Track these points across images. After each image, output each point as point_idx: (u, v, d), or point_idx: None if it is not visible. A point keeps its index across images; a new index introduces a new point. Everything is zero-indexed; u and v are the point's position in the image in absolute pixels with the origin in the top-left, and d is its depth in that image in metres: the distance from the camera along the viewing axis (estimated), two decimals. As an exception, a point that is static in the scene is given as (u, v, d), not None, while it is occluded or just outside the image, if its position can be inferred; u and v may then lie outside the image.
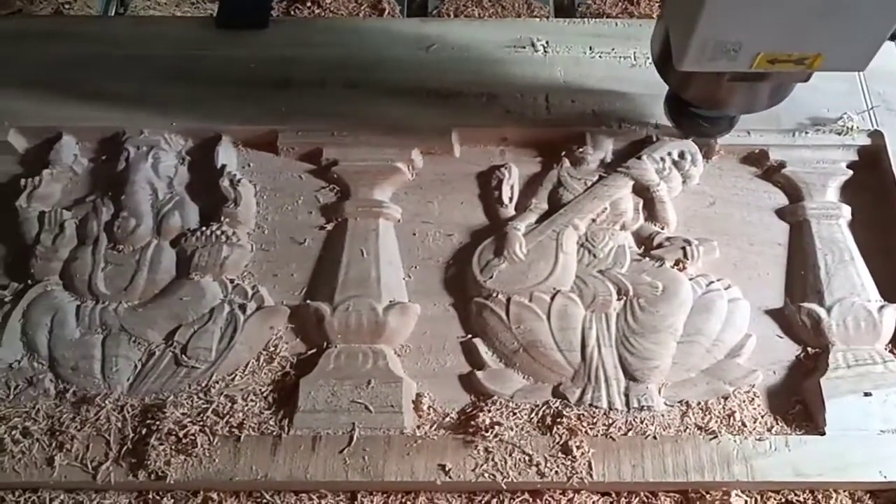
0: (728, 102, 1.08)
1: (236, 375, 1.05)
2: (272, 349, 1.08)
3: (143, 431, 1.00)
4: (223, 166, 1.19)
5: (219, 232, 1.13)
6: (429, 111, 1.24)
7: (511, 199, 1.20)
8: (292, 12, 1.51)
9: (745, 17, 0.86)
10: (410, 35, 1.32)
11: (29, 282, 1.12)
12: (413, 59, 1.29)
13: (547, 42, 1.31)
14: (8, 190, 1.20)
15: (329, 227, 1.18)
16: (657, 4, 1.51)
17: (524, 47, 1.30)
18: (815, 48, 0.90)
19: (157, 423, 0.99)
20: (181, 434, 0.98)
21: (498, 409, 1.03)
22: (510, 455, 0.99)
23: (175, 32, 1.31)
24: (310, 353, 1.08)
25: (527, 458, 0.98)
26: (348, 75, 1.27)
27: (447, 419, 1.03)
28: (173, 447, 0.98)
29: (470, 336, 1.10)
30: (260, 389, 1.05)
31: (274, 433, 1.00)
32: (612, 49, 1.30)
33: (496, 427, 1.00)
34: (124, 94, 1.25)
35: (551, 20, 1.43)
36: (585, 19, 1.38)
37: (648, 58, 1.21)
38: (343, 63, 1.28)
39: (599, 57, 1.30)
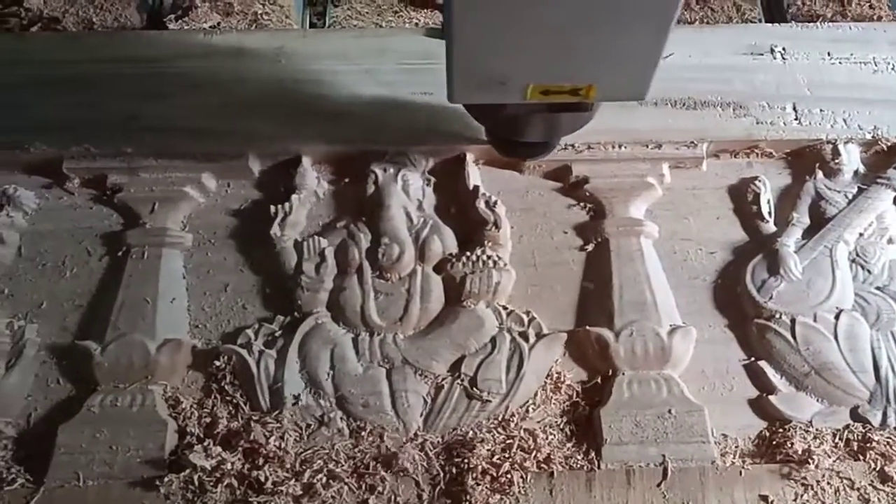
0: (524, 131, 1.04)
1: (529, 407, 1.02)
2: (556, 377, 1.05)
3: (454, 470, 0.97)
4: (476, 187, 1.15)
5: (485, 257, 1.10)
6: (677, 123, 1.19)
7: (770, 213, 1.16)
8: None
9: (503, 51, 0.84)
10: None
11: (296, 314, 1.08)
12: (652, 69, 1.24)
13: (784, 48, 1.26)
14: (249, 216, 1.16)
15: (589, 247, 1.14)
16: (868, 5, 1.47)
17: (762, 54, 1.26)
18: (587, 79, 0.89)
19: (466, 461, 0.96)
20: (495, 473, 0.95)
21: (801, 436, 1.00)
22: (828, 483, 0.96)
23: (402, 46, 1.26)
24: (594, 380, 1.05)
25: (847, 485, 0.96)
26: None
27: (745, 446, 1.01)
28: (489, 486, 0.95)
29: (753, 359, 1.07)
30: (555, 421, 1.02)
31: (584, 468, 0.97)
32: (851, 54, 1.26)
33: (811, 454, 0.97)
34: (359, 112, 1.20)
35: (784, 25, 1.38)
36: (819, 23, 1.34)
37: (889, 63, 1.18)
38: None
39: (839, 63, 1.26)
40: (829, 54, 1.27)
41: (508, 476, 0.96)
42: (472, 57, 0.85)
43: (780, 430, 1.02)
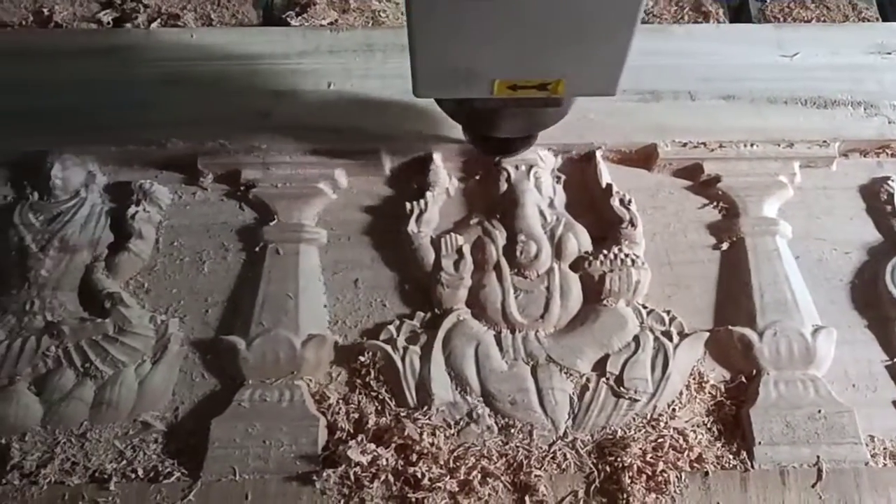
0: (497, 126, 1.03)
1: (675, 406, 1.02)
2: (698, 377, 1.04)
3: (608, 469, 0.96)
4: (609, 185, 1.15)
5: (623, 255, 1.10)
6: (808, 122, 1.18)
7: (903, 213, 1.15)
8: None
9: (466, 44, 0.82)
10: (769, 41, 1.27)
11: (436, 310, 1.08)
12: (779, 67, 1.24)
13: (912, 47, 1.25)
14: (382, 212, 1.16)
15: (723, 246, 1.13)
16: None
17: (889, 53, 1.25)
18: (554, 73, 0.87)
19: (619, 460, 0.96)
20: (651, 472, 0.95)
21: (954, 438, 0.99)
22: None
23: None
24: (737, 380, 1.04)
25: None
26: (717, 87, 1.22)
27: (894, 448, 1.00)
28: (644, 485, 0.95)
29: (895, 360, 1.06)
30: (702, 421, 1.01)
31: (738, 467, 0.97)
32: (982, 51, 1.25)
33: (968, 458, 0.96)
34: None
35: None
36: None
37: None
38: (709, 73, 1.23)
39: (969, 60, 1.24)
40: (957, 54, 1.26)
41: (665, 475, 0.95)
42: (435, 50, 0.84)
43: (930, 432, 1.00)
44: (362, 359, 1.04)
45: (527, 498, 0.95)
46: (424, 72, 0.87)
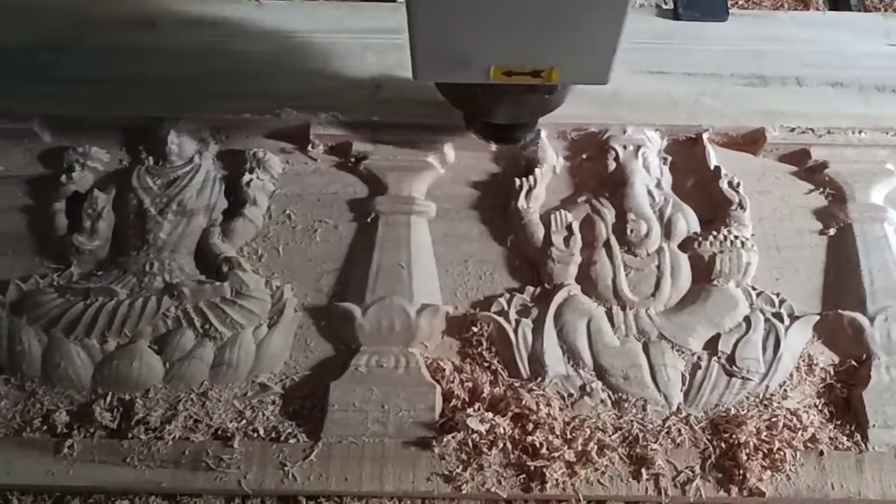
0: (495, 112, 1.05)
1: (787, 387, 1.02)
2: (808, 359, 1.05)
3: (723, 445, 0.97)
4: (717, 167, 1.15)
5: (732, 237, 1.10)
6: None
7: None
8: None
9: (464, 30, 0.84)
10: (876, 30, 1.27)
11: (546, 285, 1.09)
12: (887, 56, 1.24)
13: None
14: (489, 188, 1.18)
15: (830, 232, 1.14)
16: None
17: None
18: (548, 61, 0.89)
19: (734, 437, 0.97)
20: (766, 449, 0.96)
21: None
22: None
23: (634, 25, 1.26)
24: (846, 364, 1.05)
25: None
26: (825, 73, 1.22)
27: None
28: (761, 463, 0.95)
29: None
30: (813, 402, 1.02)
31: (852, 449, 0.97)
32: None
33: None
34: (594, 89, 1.20)
35: None
36: None
37: None
38: (816, 60, 1.23)
39: None
40: None
41: (781, 453, 0.96)
42: (434, 36, 0.86)
43: None
44: (475, 329, 1.05)
45: (643, 470, 0.96)
46: (423, 56, 0.89)
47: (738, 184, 1.14)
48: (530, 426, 0.98)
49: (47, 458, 0.96)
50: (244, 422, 0.99)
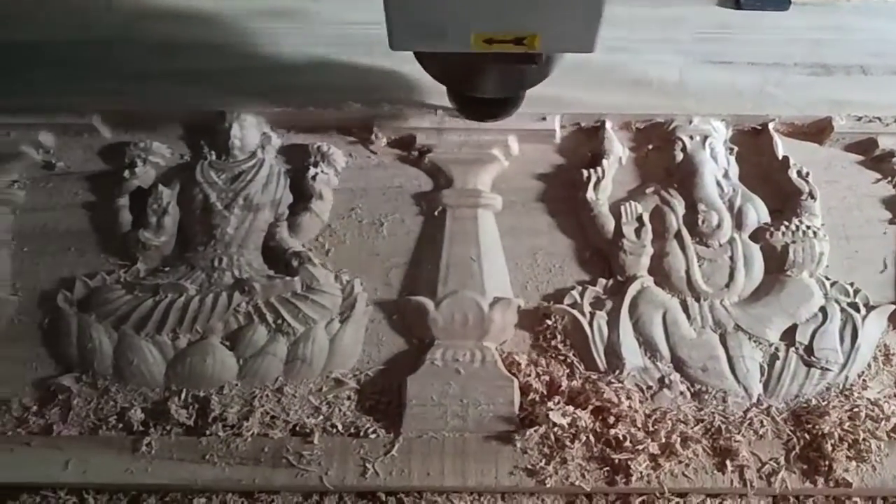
0: (478, 85, 1.02)
1: (866, 377, 1.02)
2: (884, 349, 1.04)
3: (806, 436, 0.96)
4: (786, 157, 1.14)
5: (804, 227, 1.09)
6: None
7: None
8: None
9: None
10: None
11: (618, 277, 1.08)
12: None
13: None
14: (554, 180, 1.17)
15: (899, 221, 1.13)
16: None
17: None
18: (530, 27, 0.85)
19: (818, 428, 0.96)
20: (852, 440, 0.95)
21: None
22: None
23: (696, 15, 1.26)
24: (923, 353, 1.04)
25: None
26: (890, 62, 1.21)
27: None
28: (846, 453, 0.95)
29: None
30: (893, 392, 1.01)
31: (935, 440, 0.97)
32: None
33: None
34: (658, 80, 1.20)
35: None
36: None
37: None
38: (880, 49, 1.22)
39: None
40: None
41: (866, 443, 0.95)
42: (409, 3, 0.83)
43: None
44: (549, 322, 1.04)
45: (727, 462, 0.95)
46: (399, 23, 0.85)
47: (808, 173, 1.13)
48: (612, 419, 0.97)
49: (125, 456, 0.95)
50: (321, 418, 0.98)
